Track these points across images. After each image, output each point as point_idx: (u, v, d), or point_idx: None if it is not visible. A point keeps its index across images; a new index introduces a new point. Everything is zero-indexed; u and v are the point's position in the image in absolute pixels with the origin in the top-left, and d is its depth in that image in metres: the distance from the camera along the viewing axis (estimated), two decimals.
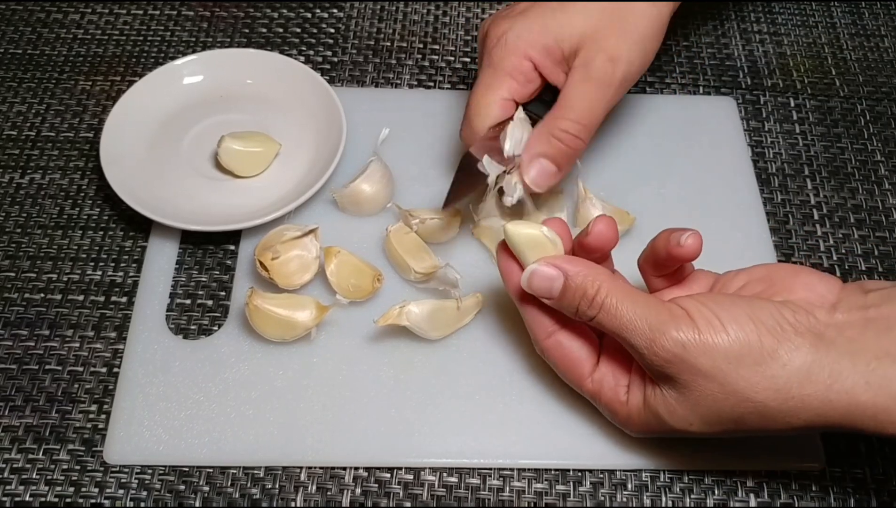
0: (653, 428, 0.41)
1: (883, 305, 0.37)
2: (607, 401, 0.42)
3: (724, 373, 0.37)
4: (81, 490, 0.44)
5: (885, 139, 0.60)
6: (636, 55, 0.47)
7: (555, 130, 0.46)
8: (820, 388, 0.36)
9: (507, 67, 0.47)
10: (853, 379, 0.36)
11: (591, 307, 0.39)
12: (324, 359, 0.48)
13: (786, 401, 0.36)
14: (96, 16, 0.66)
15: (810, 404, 0.36)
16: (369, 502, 0.44)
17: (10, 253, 0.53)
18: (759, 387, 0.36)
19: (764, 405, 0.37)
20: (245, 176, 0.55)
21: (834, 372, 0.36)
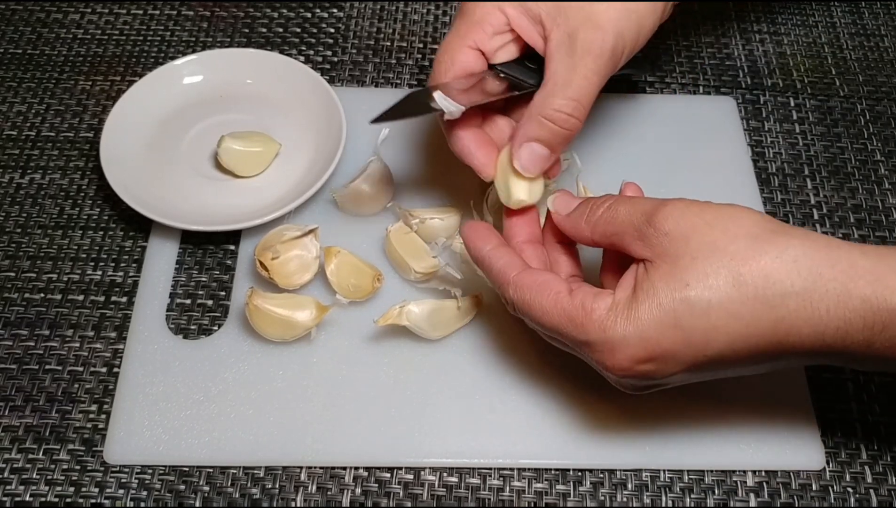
0: (642, 332, 0.36)
1: None
2: (590, 312, 0.38)
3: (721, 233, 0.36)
4: (81, 490, 0.44)
5: (885, 139, 0.60)
6: (628, 26, 0.44)
7: (546, 110, 0.43)
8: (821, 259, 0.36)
9: (477, 15, 0.45)
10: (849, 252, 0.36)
11: (599, 208, 0.40)
12: (324, 359, 0.48)
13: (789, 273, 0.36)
14: (96, 16, 0.66)
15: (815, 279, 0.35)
16: (369, 502, 0.44)
17: (10, 253, 0.53)
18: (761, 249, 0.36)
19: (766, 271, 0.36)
20: (245, 176, 0.55)
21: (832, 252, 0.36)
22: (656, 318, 0.36)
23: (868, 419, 0.48)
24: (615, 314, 0.37)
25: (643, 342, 0.37)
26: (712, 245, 0.36)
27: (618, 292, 0.38)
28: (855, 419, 0.48)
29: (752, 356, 0.37)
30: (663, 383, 0.39)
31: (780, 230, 0.37)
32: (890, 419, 0.48)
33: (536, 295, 0.39)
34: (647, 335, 0.36)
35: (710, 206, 0.38)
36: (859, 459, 0.46)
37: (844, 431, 0.47)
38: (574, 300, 0.38)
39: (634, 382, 0.39)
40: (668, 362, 0.37)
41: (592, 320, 0.37)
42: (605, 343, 0.37)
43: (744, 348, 0.36)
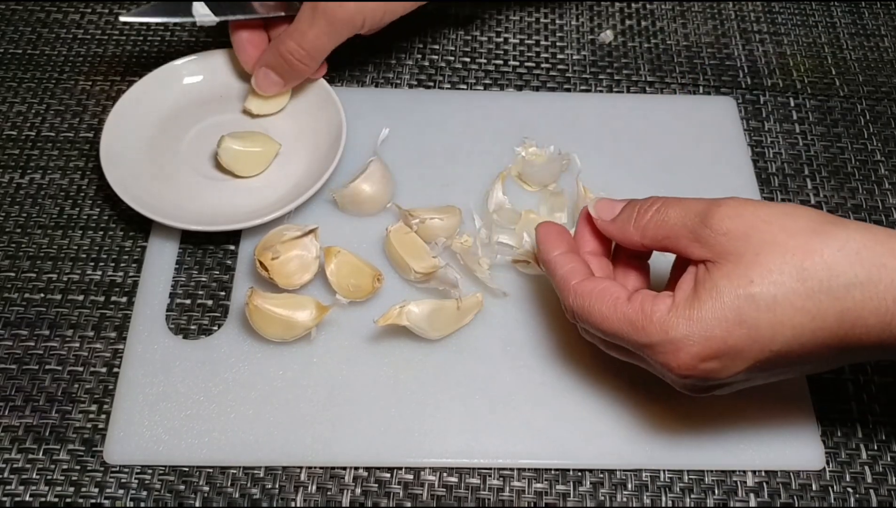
0: (711, 321, 0.36)
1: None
2: (650, 314, 0.38)
3: (779, 230, 0.36)
4: (81, 490, 0.44)
5: (885, 139, 0.60)
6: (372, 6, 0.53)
7: (282, 49, 0.53)
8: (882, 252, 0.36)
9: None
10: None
11: (647, 212, 0.40)
12: (324, 359, 0.48)
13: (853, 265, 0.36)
14: (96, 16, 0.66)
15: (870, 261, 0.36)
16: (369, 502, 0.44)
17: (10, 253, 0.53)
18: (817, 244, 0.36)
19: (822, 257, 0.36)
20: (245, 176, 0.55)
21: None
22: (720, 316, 0.36)
23: (868, 419, 0.48)
24: (676, 314, 0.37)
25: (707, 341, 0.36)
26: (773, 242, 0.36)
27: (677, 294, 0.38)
28: (855, 419, 0.48)
29: (818, 349, 0.37)
30: (726, 382, 0.38)
31: (839, 222, 0.37)
32: (890, 419, 0.48)
33: (596, 302, 0.39)
34: (711, 333, 0.36)
35: (764, 204, 0.38)
36: (859, 459, 0.46)
37: (844, 431, 0.47)
38: (633, 305, 0.38)
39: (697, 382, 0.38)
40: (734, 359, 0.37)
41: (653, 321, 0.37)
42: (668, 344, 0.37)
43: (810, 341, 0.36)
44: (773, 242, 0.36)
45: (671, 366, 0.37)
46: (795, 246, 0.36)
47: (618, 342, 0.40)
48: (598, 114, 0.60)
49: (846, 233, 0.36)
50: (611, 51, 0.65)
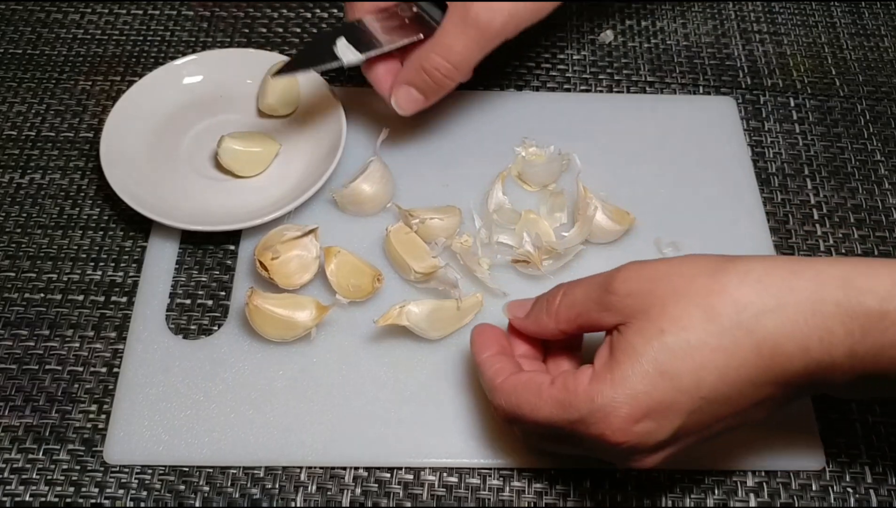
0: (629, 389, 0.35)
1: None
2: (573, 387, 0.37)
3: (684, 286, 0.36)
4: (81, 490, 0.44)
5: (885, 139, 0.60)
6: (524, 8, 0.48)
7: (426, 64, 0.49)
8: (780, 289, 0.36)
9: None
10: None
11: (556, 299, 0.40)
12: (324, 359, 0.48)
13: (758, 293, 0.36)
14: (96, 16, 0.66)
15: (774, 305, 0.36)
16: (369, 502, 0.44)
17: (10, 253, 0.53)
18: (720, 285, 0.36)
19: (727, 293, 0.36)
20: (245, 176, 0.55)
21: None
22: (640, 370, 0.35)
23: (868, 419, 0.48)
24: (598, 381, 0.36)
25: (634, 399, 0.35)
26: (675, 291, 0.36)
27: (596, 362, 0.38)
28: (855, 419, 0.48)
29: (749, 388, 0.36)
30: (670, 440, 0.37)
31: (735, 259, 0.37)
32: (890, 420, 0.48)
33: (522, 393, 0.39)
34: (635, 390, 0.35)
35: (661, 261, 0.38)
36: (859, 459, 0.46)
37: (844, 431, 0.47)
38: (557, 385, 0.38)
39: (637, 448, 0.37)
40: (666, 414, 0.36)
41: (578, 394, 0.36)
42: (597, 412, 0.36)
43: (737, 380, 0.35)
44: (675, 291, 0.36)
45: (606, 435, 0.36)
46: (698, 289, 0.36)
47: (553, 429, 0.38)
48: (598, 114, 0.60)
49: (745, 265, 0.36)
50: (611, 51, 0.65)
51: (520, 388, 0.39)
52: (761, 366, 0.35)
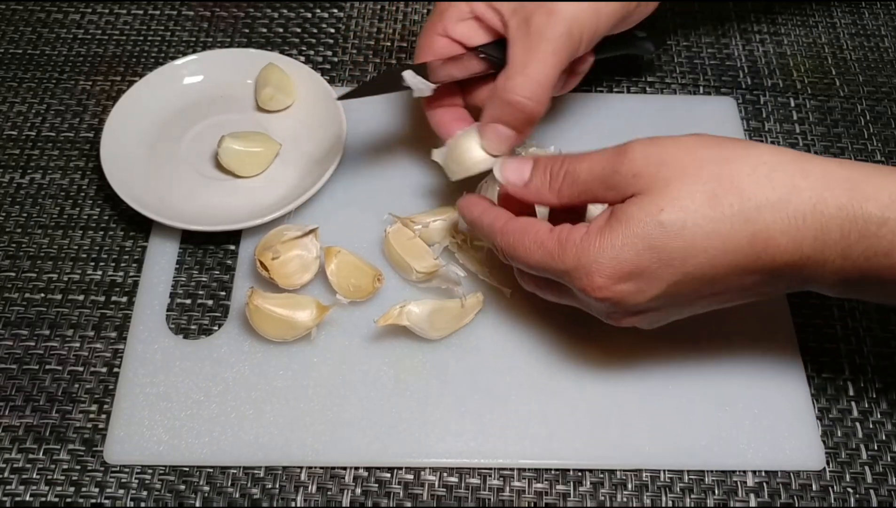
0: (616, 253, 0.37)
1: None
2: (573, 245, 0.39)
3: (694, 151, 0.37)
4: (82, 490, 0.44)
5: (885, 139, 0.60)
6: (583, 10, 0.46)
7: (506, 93, 0.45)
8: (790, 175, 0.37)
9: (443, 5, 0.49)
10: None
11: (561, 170, 0.40)
12: (324, 359, 0.48)
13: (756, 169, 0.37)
14: (96, 16, 0.66)
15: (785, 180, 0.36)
16: (369, 502, 0.44)
17: (11, 253, 0.53)
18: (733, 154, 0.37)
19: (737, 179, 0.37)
20: (245, 176, 0.55)
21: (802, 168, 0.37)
22: (629, 241, 0.37)
23: (868, 419, 0.48)
24: (588, 241, 0.38)
25: (617, 262, 0.37)
26: (683, 172, 0.37)
27: (593, 223, 0.39)
28: (855, 420, 0.48)
29: (733, 272, 0.37)
30: (646, 307, 0.39)
31: (750, 145, 0.38)
32: (890, 420, 0.48)
33: (520, 236, 0.41)
34: (621, 256, 0.37)
35: (670, 138, 0.38)
36: (859, 459, 0.46)
37: (844, 431, 0.47)
38: (552, 235, 0.40)
39: (616, 307, 0.39)
40: (648, 281, 0.38)
41: (567, 248, 0.39)
42: (580, 268, 0.38)
43: (724, 263, 0.37)
44: (683, 172, 0.37)
45: (587, 290, 0.38)
46: (707, 175, 0.37)
47: (543, 274, 0.41)
48: (598, 114, 0.60)
49: (757, 156, 0.37)
50: None
51: (518, 231, 0.41)
52: (752, 255, 0.37)
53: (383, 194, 0.55)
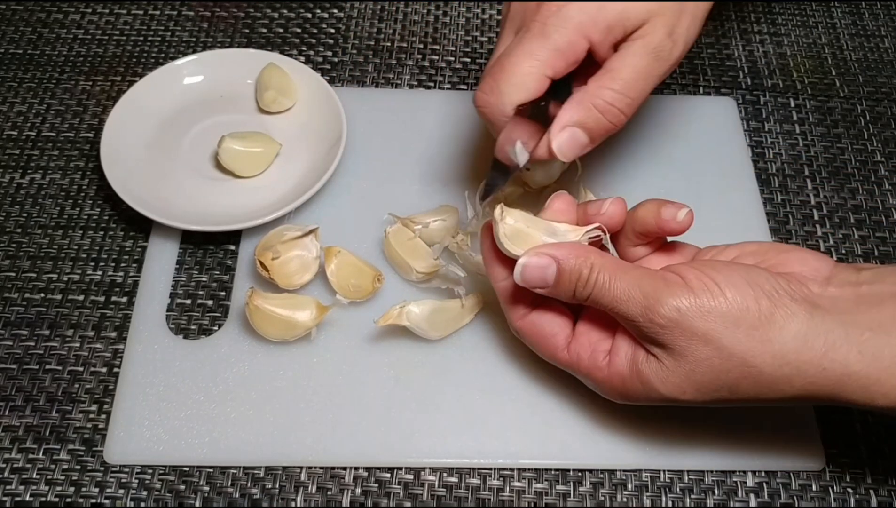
0: (638, 395, 0.40)
1: (875, 282, 0.38)
2: (586, 368, 0.41)
3: (722, 336, 0.36)
4: (82, 490, 0.44)
5: (885, 139, 0.60)
6: (690, 38, 0.44)
7: (597, 99, 0.42)
8: (815, 355, 0.36)
9: (560, 41, 0.42)
10: (847, 348, 0.36)
11: (587, 287, 0.39)
12: (324, 359, 0.48)
13: (781, 367, 0.36)
14: (97, 16, 0.66)
15: (805, 370, 0.36)
16: (369, 502, 0.44)
17: (11, 253, 0.53)
18: (756, 351, 0.36)
19: (759, 370, 0.37)
20: (245, 176, 0.55)
21: (829, 341, 0.36)
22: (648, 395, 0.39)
23: (868, 419, 0.48)
24: (605, 373, 0.40)
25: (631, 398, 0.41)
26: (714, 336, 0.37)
27: (613, 357, 0.40)
28: (855, 420, 0.48)
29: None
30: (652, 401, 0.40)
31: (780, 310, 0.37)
32: (890, 420, 0.48)
33: (538, 341, 0.43)
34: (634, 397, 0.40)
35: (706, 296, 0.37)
36: (859, 459, 0.46)
37: (844, 431, 0.47)
38: (570, 352, 0.42)
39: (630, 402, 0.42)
40: (658, 401, 0.40)
41: (580, 369, 0.42)
42: (595, 383, 0.42)
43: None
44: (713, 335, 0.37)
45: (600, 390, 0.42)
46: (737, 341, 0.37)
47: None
48: None
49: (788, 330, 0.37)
50: None
51: (540, 338, 0.42)
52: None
53: (383, 194, 0.55)
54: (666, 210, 0.41)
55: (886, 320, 0.36)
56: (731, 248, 0.42)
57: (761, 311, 0.36)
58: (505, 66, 0.42)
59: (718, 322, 0.36)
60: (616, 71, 0.42)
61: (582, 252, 0.39)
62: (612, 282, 0.38)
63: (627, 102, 0.43)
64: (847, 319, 0.36)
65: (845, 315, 0.37)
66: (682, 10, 0.43)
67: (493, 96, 0.43)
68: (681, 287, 0.37)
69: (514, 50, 0.42)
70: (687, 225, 0.41)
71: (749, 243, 0.42)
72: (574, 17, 0.41)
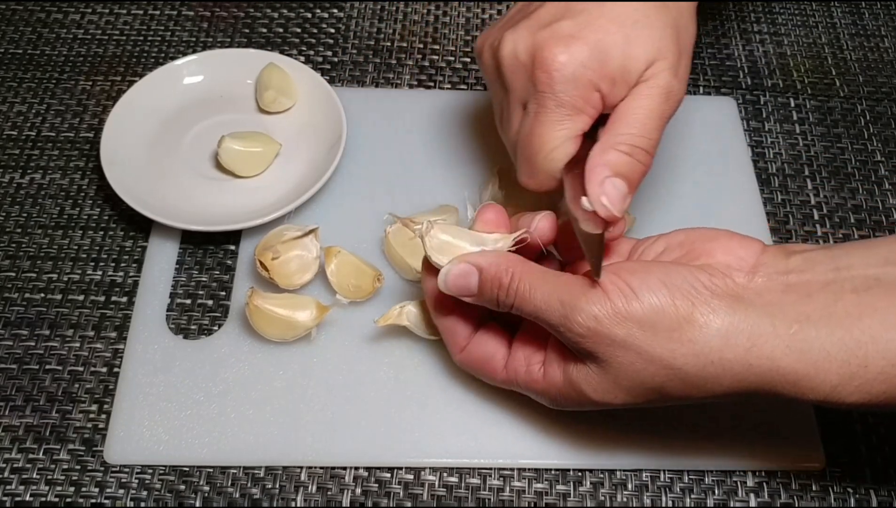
0: (574, 402, 0.40)
1: (805, 271, 0.37)
2: (524, 382, 0.41)
3: (640, 341, 0.36)
4: (82, 490, 0.44)
5: (885, 139, 0.60)
6: (688, 76, 0.44)
7: (620, 146, 0.41)
8: (739, 352, 0.35)
9: (577, 102, 0.42)
10: (773, 343, 0.35)
11: (508, 296, 0.39)
12: (324, 359, 0.48)
13: (705, 366, 0.36)
14: (96, 16, 0.66)
15: (731, 368, 0.35)
16: (369, 502, 0.44)
17: (11, 253, 0.53)
18: (678, 353, 0.36)
19: (683, 370, 0.36)
20: (245, 176, 0.55)
21: (753, 335, 0.35)
22: (579, 401, 0.40)
23: (868, 419, 0.48)
24: (540, 384, 0.41)
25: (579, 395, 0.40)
26: (633, 344, 0.36)
27: (547, 367, 0.40)
28: (855, 420, 0.48)
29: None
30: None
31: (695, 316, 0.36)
32: (890, 419, 0.48)
33: (478, 368, 0.43)
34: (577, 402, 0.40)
35: (618, 300, 0.36)
36: (859, 459, 0.46)
37: (844, 431, 0.47)
38: (508, 369, 0.42)
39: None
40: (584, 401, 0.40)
41: (521, 380, 0.42)
42: (541, 395, 0.42)
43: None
44: (632, 343, 0.36)
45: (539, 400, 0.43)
46: (654, 355, 0.36)
47: None
48: None
49: (707, 355, 0.36)
50: None
51: (479, 365, 0.43)
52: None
53: (383, 194, 0.55)
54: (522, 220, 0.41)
55: (815, 311, 0.35)
56: (661, 239, 0.41)
57: (678, 312, 0.36)
58: (534, 144, 0.43)
59: (635, 327, 0.36)
60: (630, 113, 0.42)
61: (504, 261, 0.39)
62: (531, 291, 0.38)
63: (648, 142, 0.42)
64: (774, 310, 0.36)
65: (772, 307, 0.36)
66: (682, 52, 0.43)
67: (538, 176, 0.44)
68: (596, 294, 0.36)
69: (536, 126, 0.42)
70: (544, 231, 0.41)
71: (678, 233, 0.41)
72: (580, 75, 0.41)
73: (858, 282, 0.36)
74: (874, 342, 0.34)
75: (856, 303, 0.35)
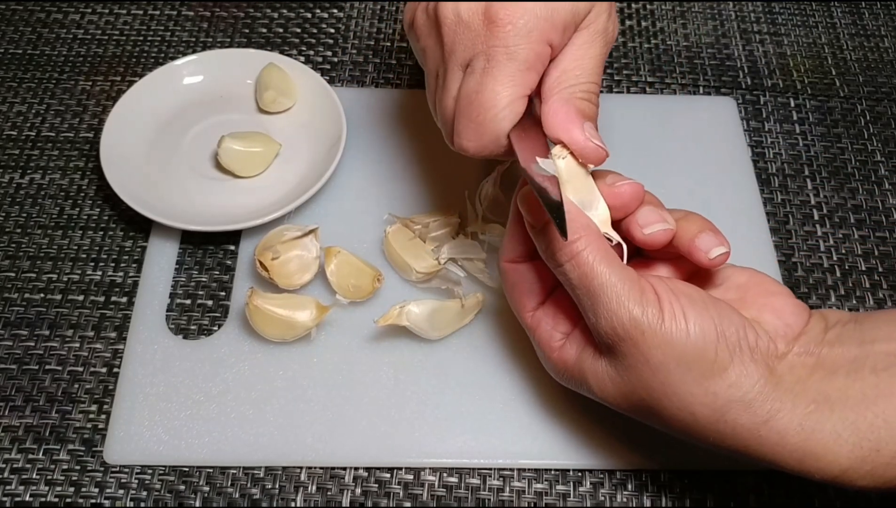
0: (575, 384, 0.40)
1: (836, 345, 0.36)
2: (540, 340, 0.42)
3: (671, 373, 0.35)
4: (81, 490, 0.44)
5: (885, 139, 0.60)
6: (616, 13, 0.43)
7: (580, 94, 0.40)
8: (756, 421, 0.35)
9: (529, 57, 0.39)
10: (788, 419, 0.35)
11: (564, 253, 0.37)
12: (324, 359, 0.48)
13: (717, 422, 0.36)
14: (96, 16, 0.66)
15: (740, 434, 0.35)
16: (369, 502, 0.44)
17: (10, 253, 0.53)
18: (698, 400, 0.35)
19: (694, 417, 0.36)
20: (245, 176, 0.55)
21: (773, 410, 0.35)
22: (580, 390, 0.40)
23: None
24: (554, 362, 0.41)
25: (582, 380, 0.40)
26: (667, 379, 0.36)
27: (565, 347, 0.41)
28: None
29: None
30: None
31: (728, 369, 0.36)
32: None
33: (511, 291, 0.43)
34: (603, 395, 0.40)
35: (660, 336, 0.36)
36: None
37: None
38: (532, 322, 0.42)
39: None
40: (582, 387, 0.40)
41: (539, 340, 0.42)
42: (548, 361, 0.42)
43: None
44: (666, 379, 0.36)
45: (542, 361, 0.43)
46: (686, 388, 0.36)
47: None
48: None
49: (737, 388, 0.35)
50: (611, 51, 0.65)
51: (514, 287, 0.43)
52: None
53: (383, 194, 0.55)
54: (702, 241, 0.39)
55: (834, 392, 0.35)
56: (728, 270, 0.41)
57: (717, 361, 0.35)
58: (482, 102, 0.39)
59: (673, 358, 0.35)
60: (578, 60, 0.40)
61: (583, 219, 0.38)
62: (594, 264, 0.36)
63: (597, 87, 0.41)
64: (798, 389, 0.35)
65: (798, 385, 0.35)
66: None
67: (483, 138, 0.40)
68: (653, 305, 0.36)
69: (485, 83, 0.39)
70: (717, 265, 0.39)
71: (743, 272, 0.41)
72: (533, 27, 0.39)
73: (879, 360, 0.35)
74: (888, 427, 0.34)
75: (873, 384, 0.35)
